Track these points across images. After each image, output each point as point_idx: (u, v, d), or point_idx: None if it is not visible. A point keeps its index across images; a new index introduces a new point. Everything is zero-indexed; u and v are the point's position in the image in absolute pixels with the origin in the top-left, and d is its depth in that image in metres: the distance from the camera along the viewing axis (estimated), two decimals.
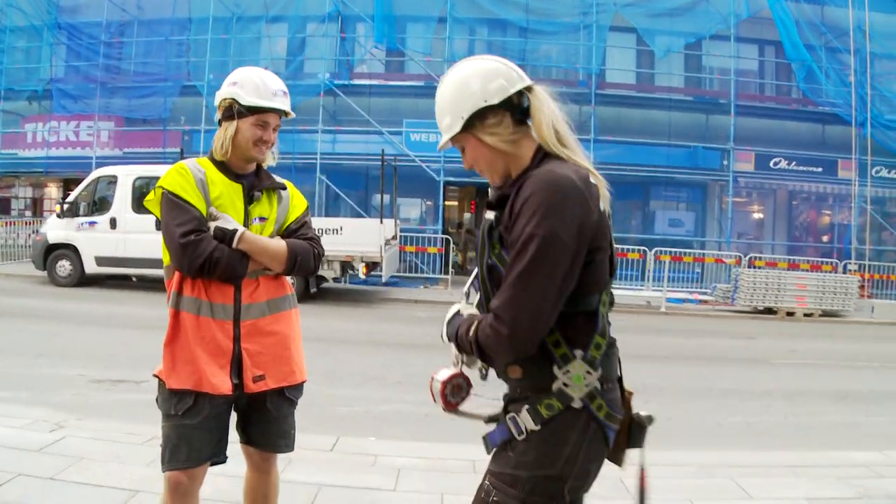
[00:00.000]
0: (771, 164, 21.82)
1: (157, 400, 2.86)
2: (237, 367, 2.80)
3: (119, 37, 23.04)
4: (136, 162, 18.18)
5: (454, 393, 2.29)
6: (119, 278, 16.11)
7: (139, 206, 15.15)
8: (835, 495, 4.66)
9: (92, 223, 15.29)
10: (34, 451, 4.59)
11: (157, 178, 11.89)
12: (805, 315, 16.61)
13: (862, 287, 18.59)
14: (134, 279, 16.17)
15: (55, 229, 15.64)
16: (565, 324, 2.00)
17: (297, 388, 3.01)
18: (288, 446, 3.05)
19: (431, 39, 21.99)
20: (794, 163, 21.81)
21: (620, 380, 2.24)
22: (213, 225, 2.72)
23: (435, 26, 21.79)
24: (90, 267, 15.32)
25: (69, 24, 22.97)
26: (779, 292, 16.81)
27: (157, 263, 15.23)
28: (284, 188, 3.07)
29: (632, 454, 2.32)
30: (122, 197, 15.16)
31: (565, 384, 2.02)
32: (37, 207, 25.22)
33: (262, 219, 2.93)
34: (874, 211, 21.72)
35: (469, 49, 23.04)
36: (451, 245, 20.05)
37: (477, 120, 2.09)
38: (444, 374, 2.29)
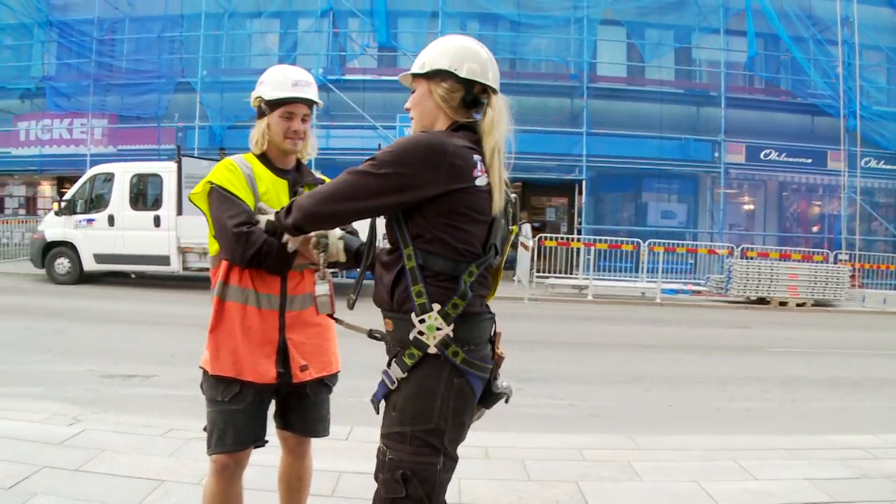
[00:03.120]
0: (761, 155, 21.98)
1: (201, 386, 2.94)
2: (283, 357, 2.88)
3: (111, 34, 22.93)
4: (131, 159, 18.33)
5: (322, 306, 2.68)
6: (118, 275, 16.16)
7: (136, 203, 15.24)
8: (833, 475, 4.81)
9: (90, 220, 15.33)
10: (56, 445, 4.67)
11: (154, 175, 11.99)
12: (797, 305, 16.83)
13: (853, 276, 18.84)
14: (133, 276, 16.21)
15: (53, 227, 15.67)
16: (430, 280, 2.29)
17: (335, 376, 3.12)
18: (325, 430, 3.15)
19: (423, 34, 22.05)
20: (784, 154, 21.97)
21: (492, 343, 2.50)
22: (263, 219, 2.78)
23: (426, 21, 21.86)
24: (89, 264, 15.36)
25: (61, 22, 22.87)
26: (771, 282, 17.02)
27: (155, 260, 15.34)
28: (322, 182, 3.04)
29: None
30: (120, 194, 15.22)
31: (420, 332, 2.27)
32: (31, 206, 25.12)
33: None
34: (864, 201, 21.93)
35: None
36: None
37: (440, 77, 2.43)
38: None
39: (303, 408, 3.05)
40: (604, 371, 8.90)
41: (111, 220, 15.17)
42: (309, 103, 2.97)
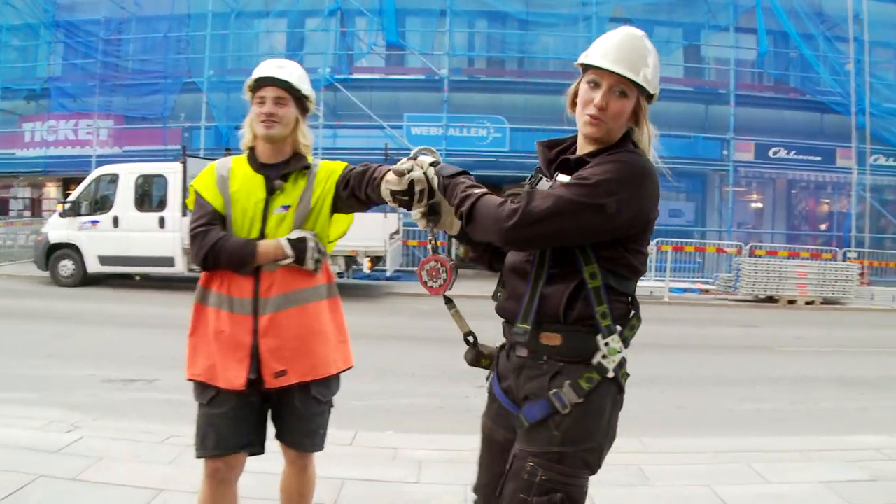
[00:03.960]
0: (770, 153, 21.85)
1: (194, 388, 2.93)
2: (256, 362, 2.79)
3: (117, 34, 22.94)
4: (137, 159, 18.21)
5: (431, 277, 2.46)
6: (122, 277, 16.09)
7: (141, 204, 15.19)
8: (848, 478, 4.70)
9: (94, 222, 15.25)
10: (53, 453, 4.58)
11: (158, 176, 11.93)
12: (806, 303, 16.68)
13: (861, 274, 18.73)
14: (137, 278, 16.15)
15: (57, 229, 15.60)
16: (614, 300, 2.19)
17: (326, 386, 2.95)
18: (314, 445, 3.02)
19: (432, 33, 21.99)
20: (793, 152, 21.83)
21: None
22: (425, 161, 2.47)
23: (435, 20, 21.79)
24: (93, 266, 15.27)
25: (67, 22, 22.91)
26: (780, 280, 16.88)
27: (160, 262, 15.27)
28: (308, 166, 2.96)
29: None
30: (124, 195, 15.15)
31: (604, 356, 2.17)
32: (36, 208, 25.12)
33: (284, 207, 2.87)
34: (872, 199, 21.78)
35: (469, 42, 23.05)
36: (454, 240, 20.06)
37: (650, 100, 2.27)
38: (422, 261, 2.47)
39: (291, 418, 2.95)
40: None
41: (116, 221, 15.09)
42: (280, 84, 2.84)
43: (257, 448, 2.93)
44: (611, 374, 2.18)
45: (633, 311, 2.26)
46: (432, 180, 2.36)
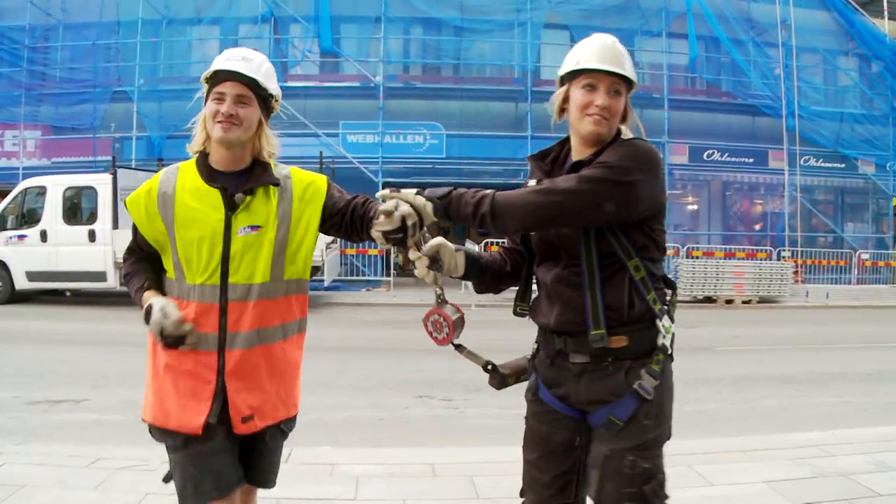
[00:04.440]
0: (704, 155, 22.31)
1: (150, 431, 2.57)
2: (221, 403, 2.44)
3: (44, 42, 22.18)
4: (66, 171, 17.77)
5: (436, 328, 2.42)
6: (52, 293, 15.58)
7: (70, 217, 14.72)
8: (791, 476, 4.72)
9: (21, 237, 14.79)
10: None
11: (88, 188, 11.41)
12: (743, 302, 17.02)
13: (796, 273, 19.23)
14: (68, 293, 15.68)
15: None
16: (657, 285, 2.34)
17: (292, 420, 2.70)
18: (274, 481, 2.74)
19: (367, 40, 21.87)
20: (726, 154, 22.33)
21: None
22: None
23: (370, 27, 21.68)
24: (21, 283, 14.77)
25: None
26: (717, 281, 17.19)
27: (91, 276, 14.85)
28: (278, 182, 2.54)
29: None
30: (53, 208, 14.72)
31: (663, 336, 2.31)
32: None
33: (253, 227, 2.45)
34: (804, 199, 22.40)
35: (404, 49, 22.99)
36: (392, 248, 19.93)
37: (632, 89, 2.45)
38: (427, 311, 2.43)
39: (258, 456, 2.62)
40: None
41: (44, 235, 14.64)
42: (244, 80, 2.43)
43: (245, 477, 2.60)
44: (670, 351, 2.33)
45: (672, 289, 2.42)
46: (424, 208, 2.25)
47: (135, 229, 2.56)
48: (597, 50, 2.33)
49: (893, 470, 4.79)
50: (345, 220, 2.57)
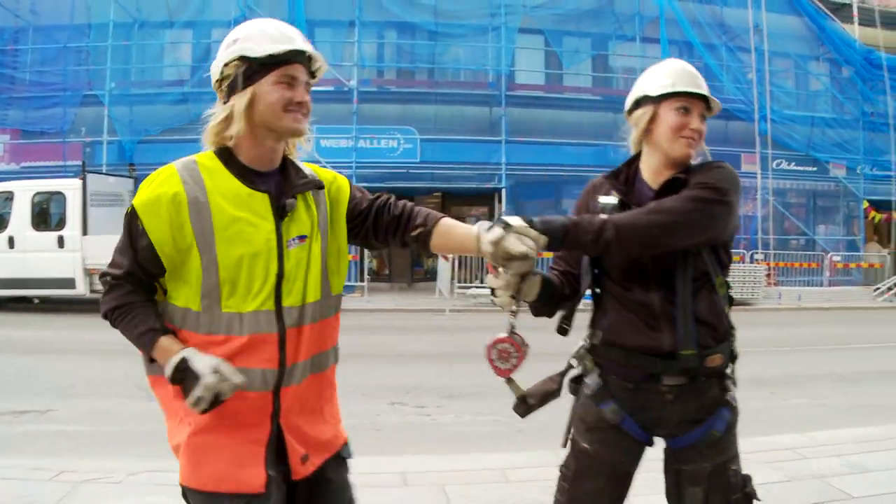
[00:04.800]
0: None
1: (185, 495, 2.11)
2: (276, 450, 2.08)
3: (13, 44, 21.87)
4: (36, 176, 17.44)
5: (501, 358, 2.36)
6: (20, 301, 15.33)
7: (39, 223, 14.52)
8: (764, 480, 4.68)
9: None
10: None
11: (57, 193, 11.13)
12: None
13: (768, 275, 19.41)
14: (36, 301, 15.42)
15: None
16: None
17: (347, 446, 2.34)
18: None
19: (340, 44, 21.78)
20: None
21: None
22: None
23: (344, 31, 21.59)
24: None
25: None
26: None
27: (60, 283, 14.64)
28: (322, 185, 2.22)
29: None
30: (20, 214, 14.53)
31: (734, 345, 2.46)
32: None
33: (301, 238, 2.10)
34: (776, 202, 22.61)
35: (378, 53, 22.93)
36: (366, 252, 19.84)
37: None
38: (492, 338, 2.35)
39: (329, 497, 2.25)
40: (527, 383, 8.71)
41: (11, 242, 14.46)
42: (310, 66, 2.14)
43: None
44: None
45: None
46: (538, 240, 2.13)
47: (136, 246, 2.02)
48: (687, 74, 2.40)
49: (867, 472, 4.81)
50: (366, 225, 2.27)
